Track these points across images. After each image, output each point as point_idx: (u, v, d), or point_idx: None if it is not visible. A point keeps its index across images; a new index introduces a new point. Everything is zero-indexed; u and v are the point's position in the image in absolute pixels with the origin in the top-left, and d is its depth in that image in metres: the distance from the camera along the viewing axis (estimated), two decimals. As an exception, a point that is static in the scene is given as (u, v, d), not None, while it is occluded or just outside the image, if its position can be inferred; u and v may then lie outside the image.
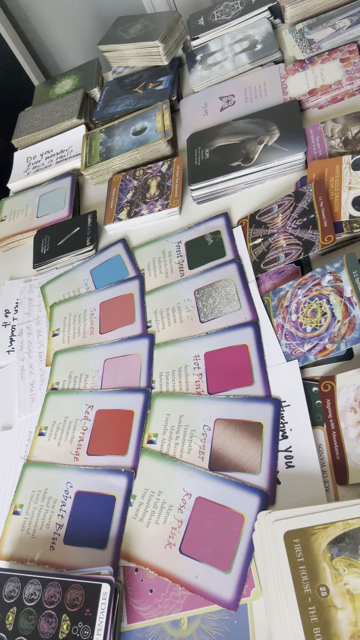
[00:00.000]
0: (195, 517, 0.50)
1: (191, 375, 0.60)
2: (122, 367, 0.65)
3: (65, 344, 0.72)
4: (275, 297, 0.60)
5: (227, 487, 0.50)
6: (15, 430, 0.68)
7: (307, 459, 0.49)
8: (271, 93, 0.79)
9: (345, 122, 0.69)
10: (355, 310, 0.52)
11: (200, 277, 0.67)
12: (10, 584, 0.50)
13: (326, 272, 0.56)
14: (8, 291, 0.84)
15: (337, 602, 0.38)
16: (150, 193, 0.79)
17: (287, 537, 0.41)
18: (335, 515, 0.41)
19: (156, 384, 0.61)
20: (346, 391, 0.50)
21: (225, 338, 0.60)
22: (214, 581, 0.46)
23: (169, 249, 0.73)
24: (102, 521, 0.54)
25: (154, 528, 0.51)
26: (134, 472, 0.56)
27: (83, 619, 0.45)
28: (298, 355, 0.55)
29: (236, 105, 0.81)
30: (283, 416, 0.52)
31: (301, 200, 0.64)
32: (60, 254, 0.81)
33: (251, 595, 0.45)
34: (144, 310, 0.69)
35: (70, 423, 0.63)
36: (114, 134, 0.89)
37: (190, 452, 0.54)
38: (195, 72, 0.90)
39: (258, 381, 0.56)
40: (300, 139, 0.69)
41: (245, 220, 0.69)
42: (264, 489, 0.49)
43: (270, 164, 0.70)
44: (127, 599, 0.49)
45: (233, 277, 0.64)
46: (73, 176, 0.91)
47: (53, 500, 0.58)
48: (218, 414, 0.55)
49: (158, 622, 0.47)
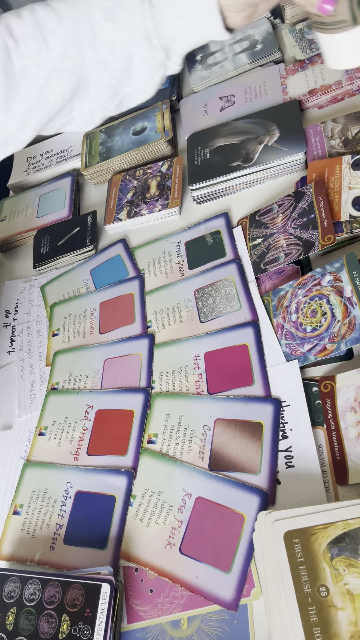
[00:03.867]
0: (195, 517, 0.50)
1: (191, 375, 0.60)
2: (122, 367, 0.65)
3: (65, 344, 0.72)
4: (275, 297, 0.60)
5: (227, 487, 0.50)
6: (15, 430, 0.68)
7: (307, 459, 0.49)
8: (271, 93, 0.79)
9: (345, 122, 0.69)
10: (355, 310, 0.52)
11: (200, 277, 0.67)
12: (10, 584, 0.50)
13: (326, 272, 0.56)
14: (8, 291, 0.84)
15: (337, 602, 0.38)
16: (150, 193, 0.79)
17: (287, 537, 0.41)
18: (335, 515, 0.41)
19: (156, 384, 0.61)
20: (346, 391, 0.50)
21: (225, 338, 0.60)
22: (214, 581, 0.46)
23: (169, 249, 0.73)
24: (102, 521, 0.54)
25: (154, 528, 0.51)
26: (134, 472, 0.56)
27: (83, 619, 0.46)
28: (298, 355, 0.55)
29: (236, 105, 0.81)
30: (283, 416, 0.52)
31: (301, 200, 0.64)
32: (60, 254, 0.81)
33: (251, 595, 0.45)
34: (144, 310, 0.69)
35: (70, 423, 0.63)
36: (114, 134, 0.89)
37: (190, 452, 0.54)
38: (195, 72, 0.90)
39: (258, 381, 0.56)
40: (300, 139, 0.69)
41: (245, 220, 0.69)
42: (264, 489, 0.49)
43: (270, 164, 0.70)
44: (127, 599, 0.49)
45: (233, 277, 0.64)
46: (73, 176, 0.91)
47: (53, 500, 0.58)
48: (218, 414, 0.55)
49: (158, 622, 0.47)
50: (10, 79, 0.52)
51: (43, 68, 0.52)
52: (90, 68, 0.54)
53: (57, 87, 0.54)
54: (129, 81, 0.55)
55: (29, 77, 0.53)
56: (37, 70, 0.52)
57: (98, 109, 0.58)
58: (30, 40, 0.52)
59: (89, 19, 0.52)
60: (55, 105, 0.55)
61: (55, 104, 0.55)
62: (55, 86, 0.54)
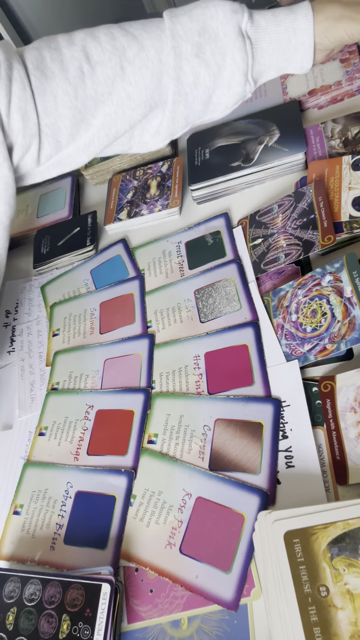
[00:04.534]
0: (196, 517, 0.50)
1: (191, 375, 0.60)
2: (122, 367, 0.65)
3: (66, 344, 0.72)
4: (275, 297, 0.60)
5: (227, 487, 0.50)
6: (16, 430, 0.68)
7: (307, 459, 0.49)
8: (271, 93, 0.80)
9: (346, 122, 0.69)
10: (355, 311, 0.52)
11: (200, 277, 0.67)
12: (11, 584, 0.50)
13: (326, 272, 0.56)
14: (8, 291, 0.84)
15: (337, 602, 0.38)
16: (151, 193, 0.79)
17: (287, 537, 0.41)
18: (335, 515, 0.41)
19: (156, 384, 0.61)
20: (346, 391, 0.50)
21: (225, 338, 0.60)
22: (214, 581, 0.46)
23: (169, 249, 0.73)
24: (102, 521, 0.54)
25: (154, 528, 0.51)
26: (134, 472, 0.56)
27: (83, 619, 0.46)
28: (298, 355, 0.55)
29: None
30: (283, 416, 0.52)
31: (301, 201, 0.64)
32: (60, 254, 0.81)
33: (251, 595, 0.45)
34: (144, 310, 0.69)
35: (71, 423, 0.63)
36: (114, 134, 0.89)
37: (191, 452, 0.54)
38: (196, 73, 0.90)
39: (258, 381, 0.56)
40: (300, 139, 0.70)
41: (245, 221, 0.69)
42: (264, 489, 0.49)
43: (270, 164, 0.70)
44: (127, 599, 0.49)
45: (233, 277, 0.64)
46: (73, 176, 0.91)
47: (53, 500, 0.58)
48: (218, 414, 0.55)
49: (158, 622, 0.47)
50: (80, 105, 0.52)
51: (114, 96, 0.52)
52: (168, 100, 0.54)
53: (128, 115, 0.54)
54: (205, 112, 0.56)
55: (99, 104, 0.52)
56: (108, 98, 0.52)
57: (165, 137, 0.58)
58: (108, 67, 0.52)
59: (176, 52, 0.52)
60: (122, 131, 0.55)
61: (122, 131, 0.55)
62: (126, 114, 0.54)
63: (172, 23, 0.53)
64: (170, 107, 0.54)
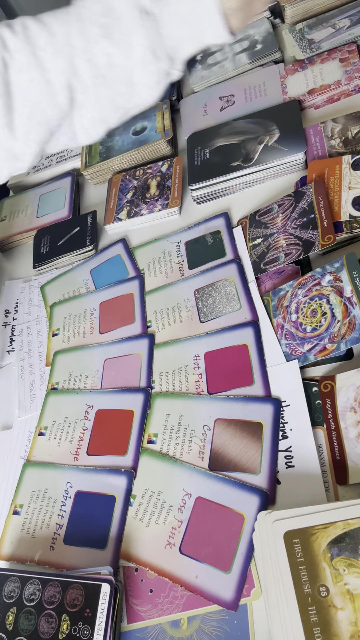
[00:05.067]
0: (195, 517, 0.50)
1: (191, 375, 0.60)
2: (122, 367, 0.65)
3: (65, 344, 0.72)
4: (275, 297, 0.60)
5: (227, 487, 0.50)
6: (15, 430, 0.68)
7: (307, 459, 0.49)
8: (271, 93, 0.79)
9: (345, 122, 0.69)
10: (355, 310, 0.52)
11: (200, 277, 0.67)
12: (10, 584, 0.50)
13: (326, 272, 0.56)
14: (8, 291, 0.84)
15: (337, 602, 0.38)
16: (150, 193, 0.79)
17: (287, 537, 0.41)
18: (335, 515, 0.41)
19: (156, 384, 0.61)
20: (346, 391, 0.50)
21: (225, 338, 0.60)
22: (213, 581, 0.46)
23: (169, 249, 0.73)
24: (102, 521, 0.54)
25: (154, 528, 0.51)
26: (134, 472, 0.56)
27: (83, 619, 0.46)
28: (298, 355, 0.55)
29: (236, 105, 0.81)
30: (283, 416, 0.52)
31: (301, 200, 0.64)
32: (60, 254, 0.81)
33: (251, 595, 0.45)
34: (144, 310, 0.69)
35: (70, 423, 0.63)
36: (113, 134, 0.89)
37: (190, 452, 0.54)
38: (195, 72, 0.90)
39: (258, 381, 0.56)
40: (300, 138, 0.69)
41: (245, 220, 0.69)
42: (264, 489, 0.49)
43: (270, 164, 0.70)
44: (127, 599, 0.49)
45: (233, 277, 0.64)
46: (73, 176, 0.91)
47: (53, 500, 0.58)
48: (218, 414, 0.55)
49: (158, 622, 0.47)
50: (8, 91, 0.52)
51: (35, 83, 0.53)
52: (88, 83, 0.54)
53: (54, 101, 0.54)
54: (131, 94, 0.56)
55: (24, 91, 0.53)
56: (30, 85, 0.53)
57: (100, 123, 0.58)
58: (23, 55, 0.52)
59: (84, 35, 0.52)
60: (55, 119, 0.55)
61: (56, 118, 0.55)
62: (51, 100, 0.54)
63: (78, 7, 0.53)
64: (92, 90, 0.54)
